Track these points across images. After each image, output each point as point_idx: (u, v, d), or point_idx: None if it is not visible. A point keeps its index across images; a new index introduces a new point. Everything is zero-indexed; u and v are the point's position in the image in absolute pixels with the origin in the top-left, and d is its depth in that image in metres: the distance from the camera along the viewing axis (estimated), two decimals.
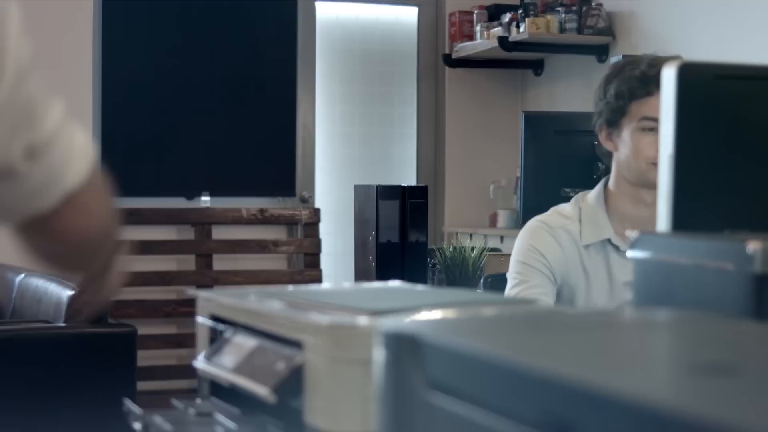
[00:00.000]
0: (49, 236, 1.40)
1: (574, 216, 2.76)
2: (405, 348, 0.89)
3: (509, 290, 2.74)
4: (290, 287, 1.61)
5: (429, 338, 0.87)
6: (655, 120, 2.61)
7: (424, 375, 0.87)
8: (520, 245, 2.77)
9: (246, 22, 6.38)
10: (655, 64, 2.66)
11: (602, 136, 2.75)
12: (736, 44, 5.03)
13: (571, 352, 0.82)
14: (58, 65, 5.98)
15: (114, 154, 6.13)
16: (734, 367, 0.76)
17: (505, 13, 6.23)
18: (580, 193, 2.83)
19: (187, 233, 6.25)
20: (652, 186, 2.62)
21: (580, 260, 2.72)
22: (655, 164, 2.60)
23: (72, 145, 1.40)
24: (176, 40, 6.26)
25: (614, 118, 2.70)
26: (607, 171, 2.83)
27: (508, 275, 2.77)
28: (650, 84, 2.62)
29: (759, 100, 1.56)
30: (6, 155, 1.27)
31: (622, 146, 2.70)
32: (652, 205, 2.69)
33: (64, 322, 4.46)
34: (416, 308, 1.26)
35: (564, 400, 0.70)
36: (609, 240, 2.72)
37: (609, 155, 2.77)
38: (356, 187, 3.47)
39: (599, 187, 2.78)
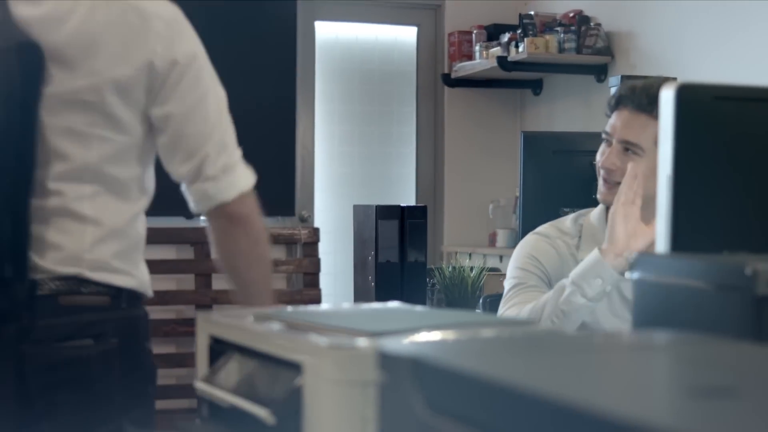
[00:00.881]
0: (229, 221, 2.39)
1: (574, 232, 2.78)
2: (404, 370, 0.89)
3: (505, 293, 2.75)
4: (289, 308, 1.62)
5: (428, 360, 0.87)
6: (608, 134, 2.70)
7: (423, 397, 0.87)
8: (516, 254, 2.80)
9: (245, 42, 6.39)
10: (632, 84, 2.74)
11: None
12: (735, 64, 5.05)
13: (570, 374, 0.82)
14: None
15: None
16: (733, 389, 0.76)
17: (504, 33, 6.25)
18: (582, 211, 2.84)
19: (186, 252, 6.25)
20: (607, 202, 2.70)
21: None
22: (601, 177, 2.68)
23: (243, 170, 2.46)
24: None
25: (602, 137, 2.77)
26: None
27: (505, 282, 2.78)
28: (611, 101, 2.71)
29: (757, 121, 1.56)
30: (215, 170, 2.38)
31: None
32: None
33: None
34: (415, 330, 1.26)
35: (563, 423, 0.70)
36: None
37: None
38: (355, 207, 3.47)
39: (601, 206, 2.80)
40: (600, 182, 2.68)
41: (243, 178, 2.40)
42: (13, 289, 2.12)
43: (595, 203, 2.83)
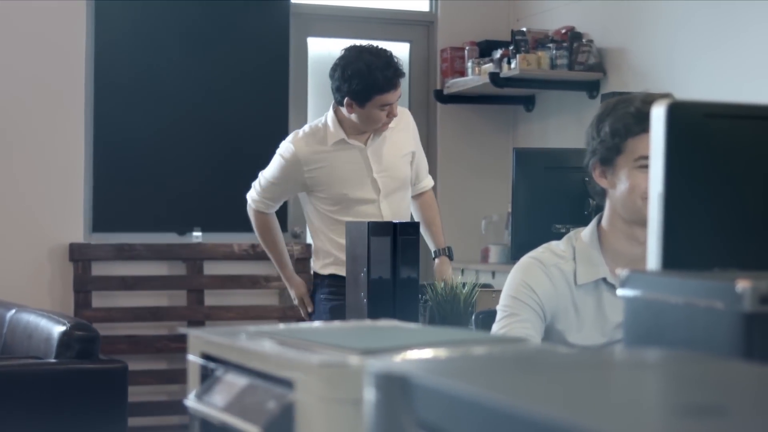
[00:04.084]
0: None
1: (568, 255, 2.73)
2: (395, 388, 0.89)
3: (497, 323, 2.72)
4: (281, 325, 1.61)
5: (418, 378, 0.87)
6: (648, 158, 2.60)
7: (413, 415, 0.87)
8: (511, 280, 2.76)
9: (238, 57, 6.40)
10: (649, 100, 2.63)
11: (596, 174, 2.72)
12: (726, 81, 5.06)
13: (560, 393, 0.82)
14: (50, 103, 5.99)
15: (106, 189, 6.13)
16: (722, 408, 0.76)
17: (496, 49, 6.26)
18: (573, 231, 2.80)
19: (179, 269, 6.25)
20: (647, 222, 2.59)
21: (572, 300, 2.70)
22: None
23: None
24: (168, 77, 6.28)
25: (609, 156, 2.68)
26: (599, 208, 2.81)
27: (498, 308, 2.75)
28: (646, 120, 2.58)
29: (747, 139, 1.56)
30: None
31: (618, 184, 2.67)
32: (646, 242, 2.65)
33: (55, 358, 4.45)
34: (406, 347, 1.26)
35: None
36: (604, 279, 2.70)
37: (601, 193, 2.75)
38: (348, 224, 3.47)
39: (592, 225, 2.76)
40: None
41: None
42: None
43: (586, 220, 2.82)
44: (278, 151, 4.40)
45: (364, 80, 4.18)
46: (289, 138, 4.42)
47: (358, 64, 4.20)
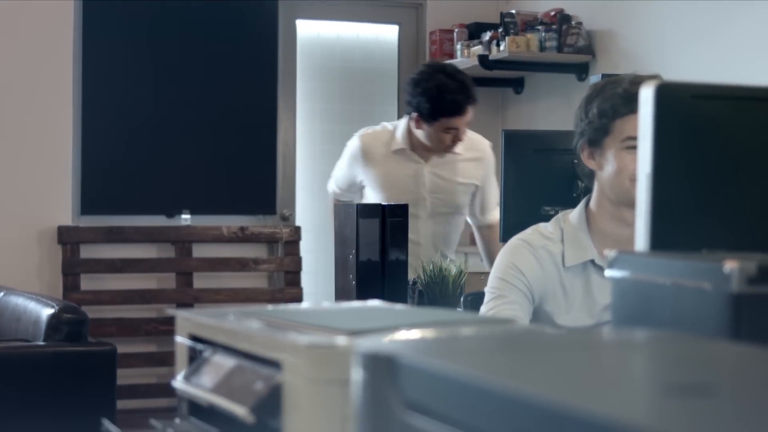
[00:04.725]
0: None
1: (556, 237, 2.73)
2: (382, 368, 0.89)
3: (485, 304, 2.72)
4: (269, 306, 1.61)
5: (406, 359, 0.87)
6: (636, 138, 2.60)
7: (401, 395, 0.87)
8: (500, 262, 2.76)
9: (226, 39, 6.38)
10: (637, 81, 2.62)
11: (584, 156, 2.72)
12: (715, 62, 5.06)
13: (547, 373, 0.82)
14: (39, 86, 5.97)
15: (95, 171, 6.12)
16: (710, 387, 0.76)
17: (485, 31, 6.25)
18: (561, 213, 2.80)
19: (168, 251, 6.24)
20: (635, 204, 2.59)
21: (560, 282, 2.70)
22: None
23: None
24: (157, 59, 6.26)
25: (597, 137, 2.67)
26: (587, 190, 2.81)
27: (486, 290, 2.75)
28: (633, 101, 2.59)
29: (735, 120, 1.56)
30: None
31: (606, 165, 2.67)
32: (634, 224, 2.65)
33: (43, 341, 4.44)
34: (394, 328, 1.26)
35: (540, 422, 0.70)
36: (592, 261, 2.70)
37: (590, 175, 2.75)
38: (336, 206, 3.47)
39: (580, 207, 2.76)
40: (635, 187, 2.58)
41: None
42: None
43: (575, 202, 2.82)
44: (348, 141, 4.51)
45: (433, 100, 4.18)
46: (360, 131, 4.49)
47: (430, 83, 4.19)
